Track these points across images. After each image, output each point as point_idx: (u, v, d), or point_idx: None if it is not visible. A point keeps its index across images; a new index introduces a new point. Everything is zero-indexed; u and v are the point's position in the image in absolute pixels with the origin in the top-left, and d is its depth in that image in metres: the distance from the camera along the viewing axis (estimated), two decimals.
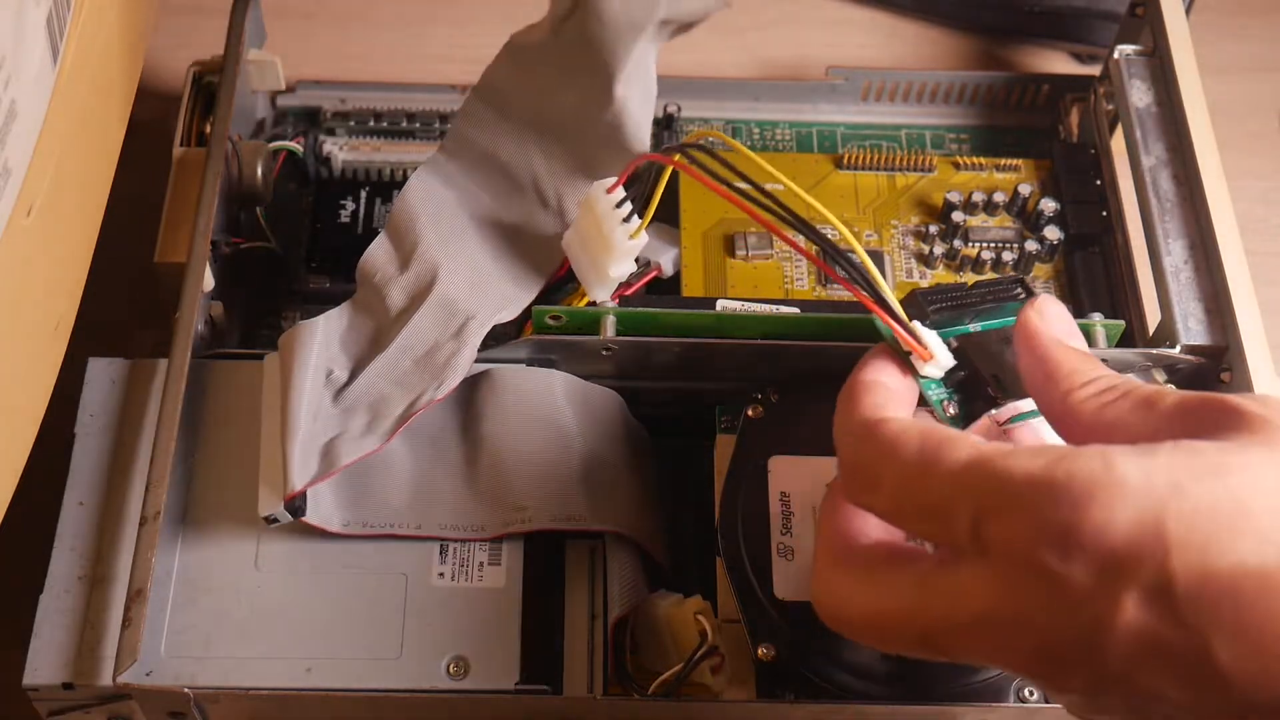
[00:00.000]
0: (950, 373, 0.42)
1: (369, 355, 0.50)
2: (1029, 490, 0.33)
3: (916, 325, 0.42)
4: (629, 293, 0.53)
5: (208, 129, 0.56)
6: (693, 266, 0.57)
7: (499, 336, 0.52)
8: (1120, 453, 0.33)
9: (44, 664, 0.46)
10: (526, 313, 0.52)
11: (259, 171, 0.58)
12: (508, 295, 0.51)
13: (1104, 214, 0.59)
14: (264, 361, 0.49)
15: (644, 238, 0.49)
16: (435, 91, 0.64)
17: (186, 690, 0.45)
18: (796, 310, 0.52)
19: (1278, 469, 0.33)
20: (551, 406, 0.50)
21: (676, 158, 0.45)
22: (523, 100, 0.53)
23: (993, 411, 0.42)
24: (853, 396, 0.40)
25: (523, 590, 0.48)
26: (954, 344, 0.43)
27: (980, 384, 0.42)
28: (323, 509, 0.47)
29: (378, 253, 0.52)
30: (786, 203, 0.43)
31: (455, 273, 0.51)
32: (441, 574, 0.48)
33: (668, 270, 0.56)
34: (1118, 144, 0.60)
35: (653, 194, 0.48)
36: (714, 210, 0.58)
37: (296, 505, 0.46)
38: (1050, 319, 0.41)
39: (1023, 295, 0.44)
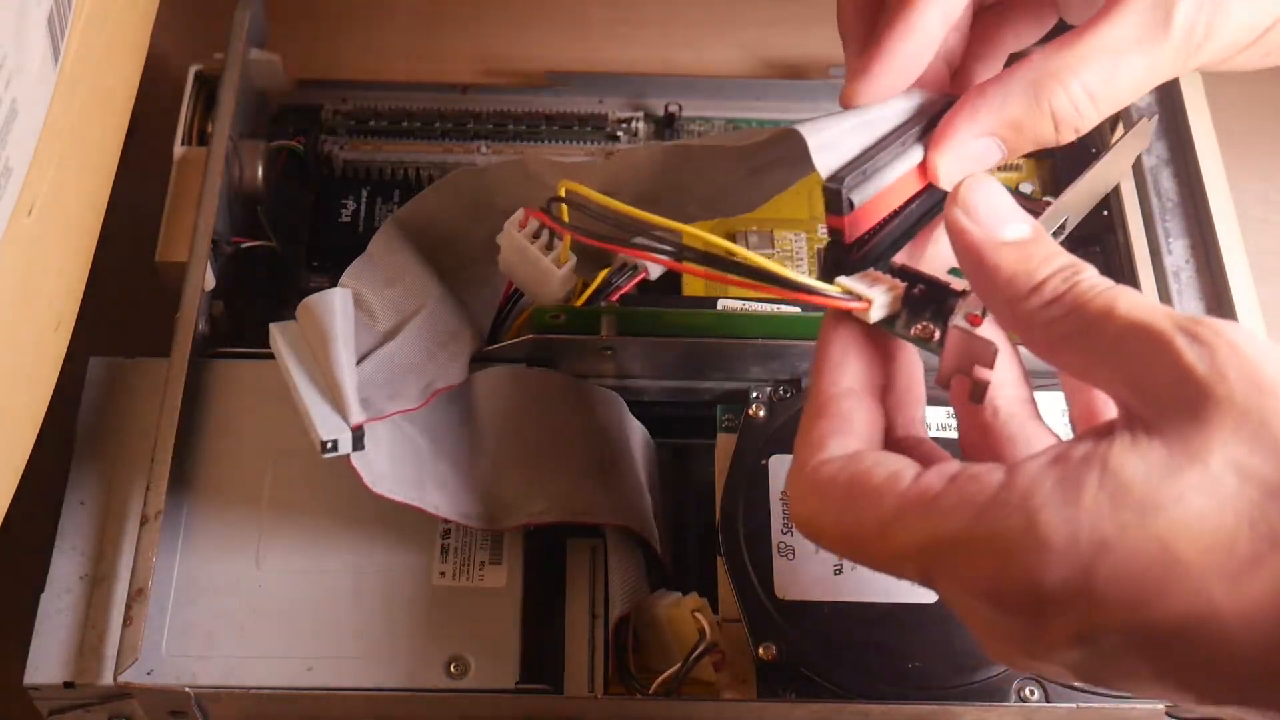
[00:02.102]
0: (908, 293, 0.39)
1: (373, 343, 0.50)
2: (954, 552, 0.33)
3: (842, 281, 0.39)
4: (617, 296, 0.53)
5: (209, 128, 0.56)
6: None
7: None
8: (1043, 505, 0.32)
9: (45, 663, 0.46)
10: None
11: (260, 171, 0.58)
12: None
13: (1105, 213, 0.59)
14: (273, 327, 0.49)
15: (572, 259, 0.48)
16: (436, 91, 0.64)
17: (187, 689, 0.45)
18: (797, 310, 0.52)
19: (1213, 490, 0.31)
20: (552, 405, 0.50)
21: (551, 220, 0.45)
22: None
23: (963, 320, 0.38)
24: (806, 419, 0.38)
25: (523, 590, 0.48)
26: (895, 264, 0.39)
27: (941, 287, 0.38)
28: (360, 460, 0.47)
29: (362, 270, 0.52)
30: (657, 228, 0.42)
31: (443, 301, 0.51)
32: (442, 573, 0.48)
33: (654, 272, 0.55)
34: None
35: (560, 229, 0.47)
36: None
37: (357, 436, 0.46)
38: (977, 213, 0.37)
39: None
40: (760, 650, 0.46)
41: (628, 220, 0.43)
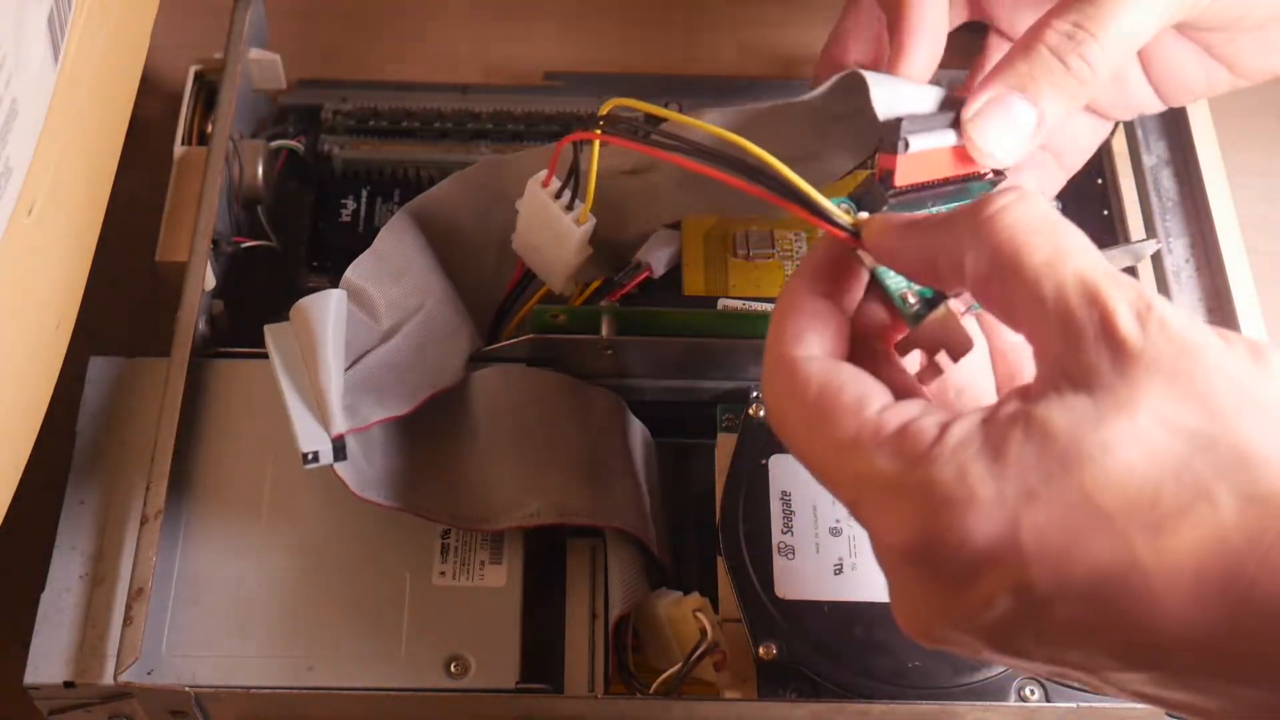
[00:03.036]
0: None
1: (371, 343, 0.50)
2: (892, 494, 0.34)
3: (858, 215, 0.39)
4: (620, 294, 0.53)
5: (209, 128, 0.56)
6: (693, 265, 0.57)
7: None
8: (973, 459, 0.33)
9: (45, 663, 0.46)
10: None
11: (260, 170, 0.58)
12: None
13: (1105, 213, 0.59)
14: (267, 329, 0.49)
15: (592, 219, 0.48)
16: (436, 90, 0.64)
17: (188, 689, 0.45)
18: None
19: (1138, 441, 0.31)
20: (551, 406, 0.50)
21: (597, 132, 0.45)
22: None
23: (956, 302, 0.38)
24: (777, 318, 0.38)
25: (523, 589, 0.48)
26: None
27: None
28: (346, 468, 0.47)
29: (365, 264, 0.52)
30: (704, 144, 0.42)
31: (444, 300, 0.51)
32: (442, 573, 0.48)
33: (658, 270, 0.55)
34: (1118, 143, 0.60)
35: (588, 172, 0.47)
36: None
37: (338, 447, 0.46)
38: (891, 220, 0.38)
39: (990, 177, 0.42)
40: (760, 650, 0.46)
41: (669, 129, 0.42)
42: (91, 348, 0.52)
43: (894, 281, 0.39)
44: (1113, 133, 0.61)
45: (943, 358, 0.38)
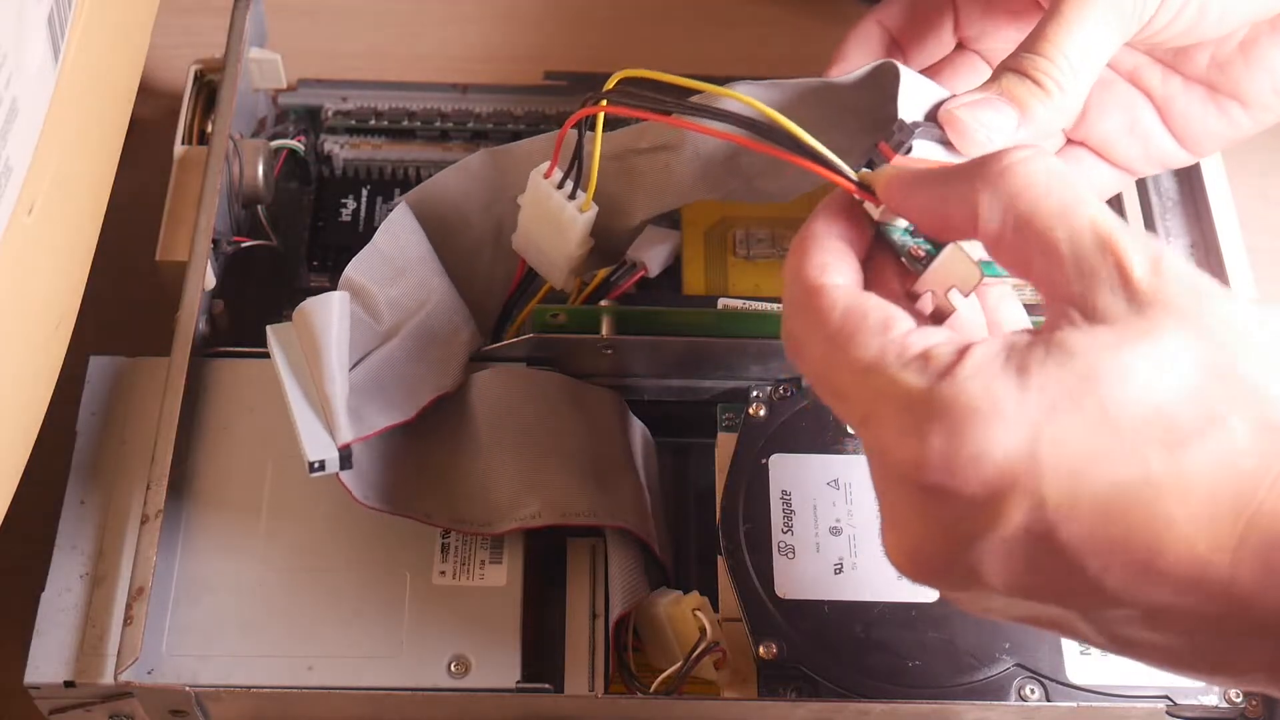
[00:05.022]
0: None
1: (373, 343, 0.50)
2: (911, 410, 0.34)
3: (865, 172, 0.40)
4: (616, 294, 0.53)
5: (209, 127, 0.56)
6: (694, 265, 0.57)
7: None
8: (997, 374, 0.33)
9: (46, 662, 0.46)
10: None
11: (260, 170, 0.58)
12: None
13: None
14: (270, 330, 0.49)
15: (594, 208, 0.48)
16: (437, 90, 0.64)
17: (188, 688, 0.45)
18: None
19: (1150, 366, 0.33)
20: (551, 405, 0.50)
21: (604, 104, 0.45)
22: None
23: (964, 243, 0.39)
24: (800, 251, 0.39)
25: (524, 589, 0.48)
26: None
27: None
28: (350, 476, 0.47)
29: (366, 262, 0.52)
30: (712, 105, 0.42)
31: (445, 297, 0.51)
32: (443, 572, 0.48)
33: (654, 270, 0.56)
34: None
35: (590, 160, 0.47)
36: (715, 208, 0.58)
37: (345, 456, 0.46)
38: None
39: None
40: (761, 649, 0.46)
41: (677, 90, 0.43)
42: (91, 348, 0.52)
43: (900, 237, 0.40)
44: None
45: (954, 295, 0.38)
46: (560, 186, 0.48)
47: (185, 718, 0.46)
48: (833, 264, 0.38)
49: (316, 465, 0.46)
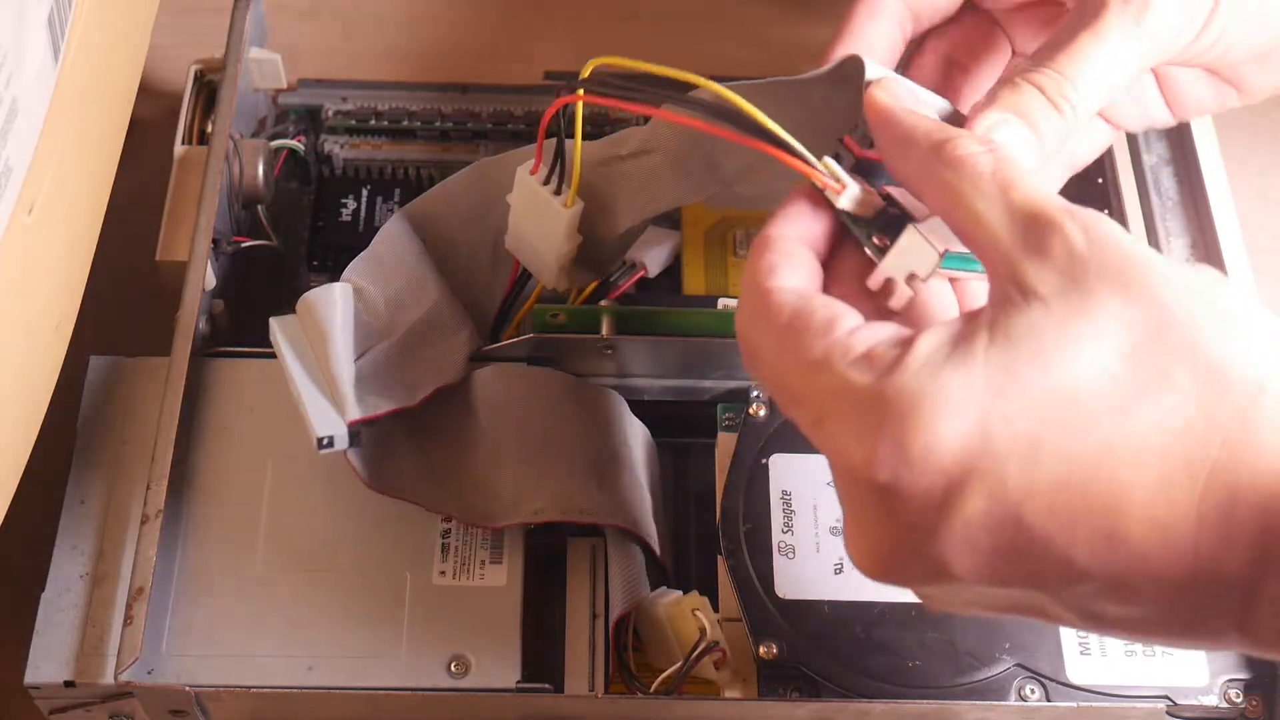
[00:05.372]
0: (883, 211, 0.40)
1: (373, 340, 0.50)
2: (860, 408, 0.34)
3: (828, 161, 0.40)
4: (616, 294, 0.53)
5: (209, 127, 0.56)
6: (694, 265, 0.57)
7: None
8: (941, 363, 0.34)
9: (46, 662, 0.46)
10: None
11: (260, 170, 0.58)
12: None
13: (1105, 211, 0.59)
14: (273, 321, 0.49)
15: (579, 203, 0.48)
16: (437, 90, 0.64)
17: (188, 688, 0.45)
18: None
19: (1096, 334, 0.33)
20: (552, 404, 0.50)
21: (580, 93, 0.45)
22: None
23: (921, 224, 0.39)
24: (753, 254, 0.39)
25: (524, 589, 0.48)
26: (884, 190, 0.40)
27: (911, 216, 0.40)
28: (357, 457, 0.47)
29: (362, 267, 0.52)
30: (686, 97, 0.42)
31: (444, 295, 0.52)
32: (443, 572, 0.48)
33: (654, 270, 0.56)
34: (1119, 142, 0.60)
35: (571, 154, 0.47)
36: (715, 209, 0.58)
37: (353, 433, 0.46)
38: (896, 94, 0.40)
39: None
40: (761, 649, 0.46)
41: (650, 79, 0.42)
42: (91, 348, 0.52)
43: (860, 228, 0.40)
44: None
45: (915, 282, 0.38)
46: (546, 183, 0.48)
47: (185, 718, 0.46)
48: (783, 266, 0.38)
49: (325, 441, 0.46)
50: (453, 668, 0.46)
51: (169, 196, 0.55)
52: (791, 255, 0.39)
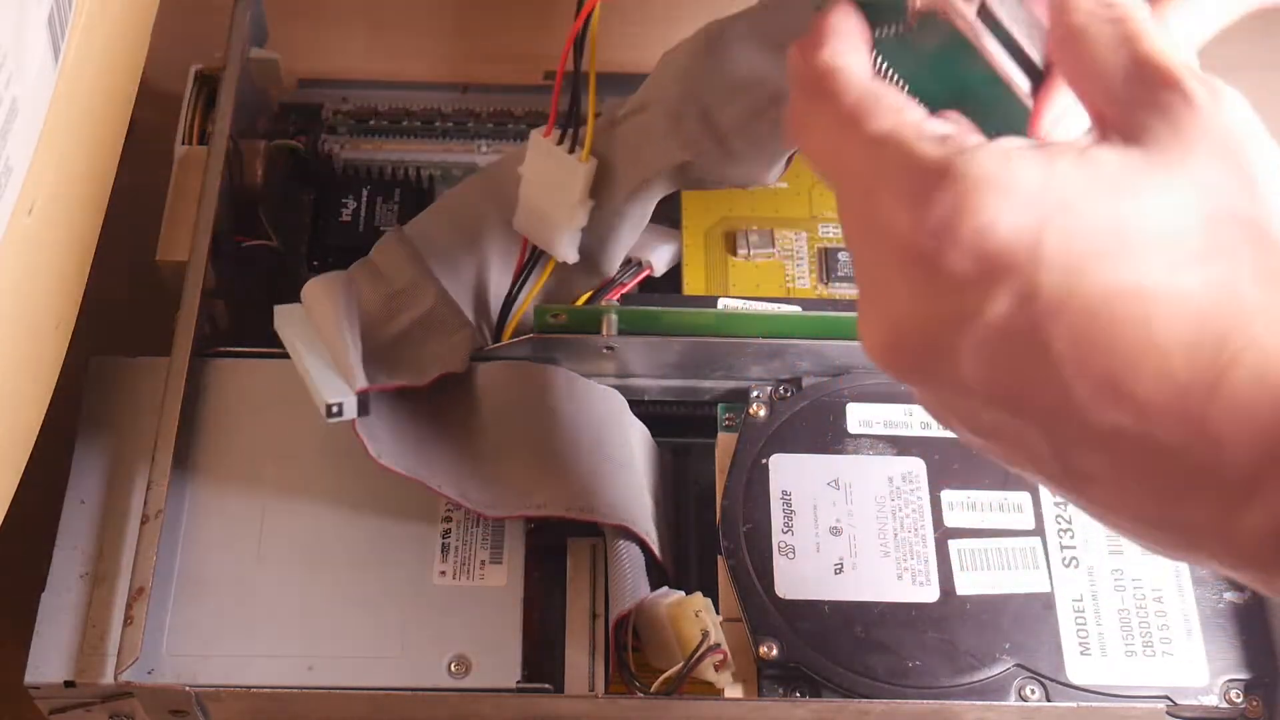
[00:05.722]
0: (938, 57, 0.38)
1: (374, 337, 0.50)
2: (922, 176, 0.33)
3: None
4: (621, 293, 0.53)
5: (209, 127, 0.56)
6: (694, 265, 0.57)
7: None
8: (1022, 156, 0.33)
9: (46, 662, 0.46)
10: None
11: (260, 170, 0.58)
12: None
13: None
14: (278, 309, 0.50)
15: (593, 161, 0.49)
16: (437, 90, 0.64)
17: (188, 688, 0.45)
18: (798, 309, 0.52)
19: (1179, 192, 0.32)
20: (554, 401, 0.50)
21: None
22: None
23: None
24: (811, 39, 0.38)
25: (524, 589, 0.48)
26: None
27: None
28: (366, 431, 0.47)
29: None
30: None
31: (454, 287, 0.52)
32: (443, 572, 0.48)
33: (659, 269, 0.56)
34: None
35: (586, 107, 0.48)
36: (715, 209, 0.58)
37: (362, 401, 0.47)
38: None
39: None
40: (761, 649, 0.46)
41: None
42: (91, 348, 0.52)
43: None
44: None
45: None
46: (560, 143, 0.48)
47: (185, 718, 0.46)
48: (848, 51, 0.37)
49: (334, 409, 0.46)
50: (453, 668, 0.46)
51: (169, 196, 0.55)
52: (855, 44, 0.37)
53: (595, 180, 0.49)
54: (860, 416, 0.51)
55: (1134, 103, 0.34)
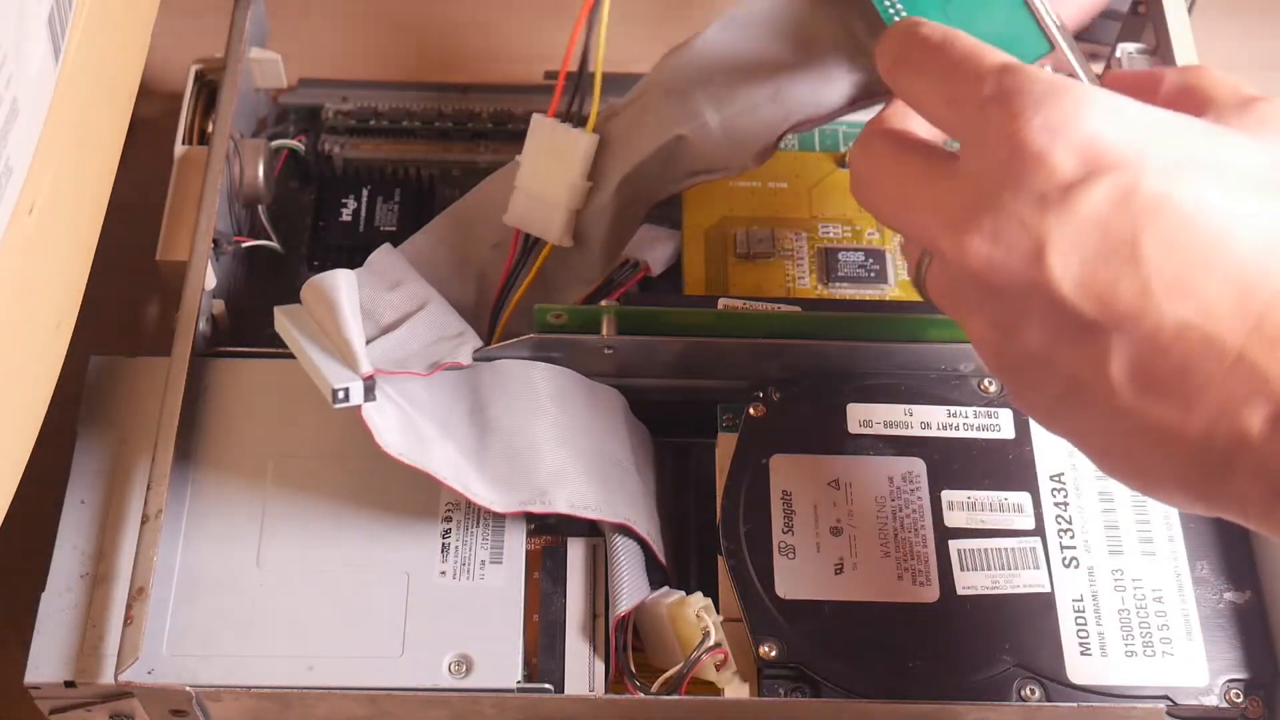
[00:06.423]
0: None
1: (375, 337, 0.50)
2: (1045, 90, 0.37)
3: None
4: (618, 294, 0.53)
5: (209, 127, 0.56)
6: (694, 265, 0.57)
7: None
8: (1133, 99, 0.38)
9: (46, 662, 0.46)
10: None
11: (261, 170, 0.58)
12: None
13: None
14: (278, 310, 0.50)
15: (595, 136, 0.50)
16: (437, 90, 0.64)
17: (188, 688, 0.45)
18: (798, 309, 0.52)
19: (1264, 150, 0.37)
20: (555, 400, 0.50)
21: None
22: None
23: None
24: (884, 114, 0.43)
25: (524, 588, 0.48)
26: None
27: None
28: (373, 417, 0.48)
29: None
30: None
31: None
32: (443, 572, 0.48)
33: (657, 268, 0.56)
34: None
35: (593, 74, 0.49)
36: (716, 209, 0.58)
37: (369, 386, 0.47)
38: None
39: None
40: (761, 649, 0.46)
41: None
42: (91, 348, 0.52)
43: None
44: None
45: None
46: (566, 118, 0.50)
47: (185, 718, 0.46)
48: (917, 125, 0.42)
49: (341, 394, 0.46)
50: (453, 668, 0.46)
51: (169, 196, 0.55)
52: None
53: (593, 166, 0.50)
54: (860, 416, 0.51)
55: (1233, 112, 0.39)
